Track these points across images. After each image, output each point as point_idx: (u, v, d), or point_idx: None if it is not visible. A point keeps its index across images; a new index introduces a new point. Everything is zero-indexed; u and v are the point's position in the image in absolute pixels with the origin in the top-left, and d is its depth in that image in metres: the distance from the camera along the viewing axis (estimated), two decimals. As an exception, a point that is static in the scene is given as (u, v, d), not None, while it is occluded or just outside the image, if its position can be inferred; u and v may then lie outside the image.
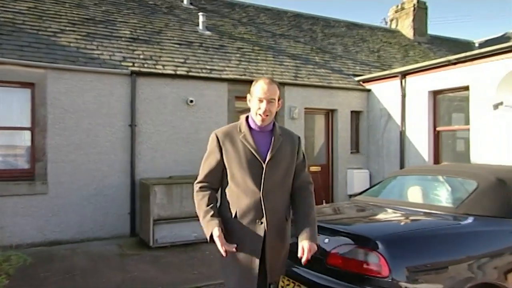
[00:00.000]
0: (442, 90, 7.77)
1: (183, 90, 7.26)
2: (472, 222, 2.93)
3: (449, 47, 13.05)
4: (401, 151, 8.42)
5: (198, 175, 2.33)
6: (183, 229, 6.09)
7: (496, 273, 2.72)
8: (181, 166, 7.05)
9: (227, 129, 2.34)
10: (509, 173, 3.29)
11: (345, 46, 11.12)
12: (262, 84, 2.26)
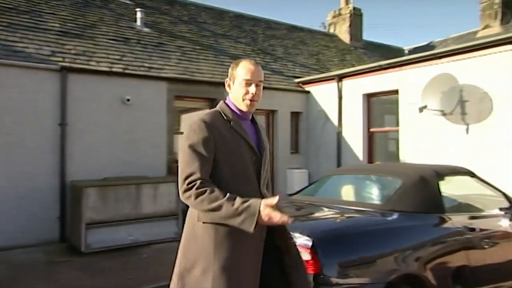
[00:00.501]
0: (375, 93, 8.20)
1: (120, 88, 6.97)
2: (397, 218, 3.11)
3: (382, 53, 13.80)
4: (338, 151, 8.76)
5: (183, 170, 1.89)
6: (118, 233, 5.84)
7: (418, 265, 2.91)
8: (117, 168, 6.75)
9: (210, 116, 1.99)
10: (431, 171, 3.53)
11: (286, 48, 11.35)
12: (248, 65, 2.02)
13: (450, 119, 6.62)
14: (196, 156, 1.89)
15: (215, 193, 1.83)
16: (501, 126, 6.06)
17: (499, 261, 3.49)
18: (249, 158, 2.00)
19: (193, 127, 1.94)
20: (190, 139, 1.92)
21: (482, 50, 6.37)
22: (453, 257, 3.10)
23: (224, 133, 1.96)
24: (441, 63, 6.89)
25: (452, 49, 6.96)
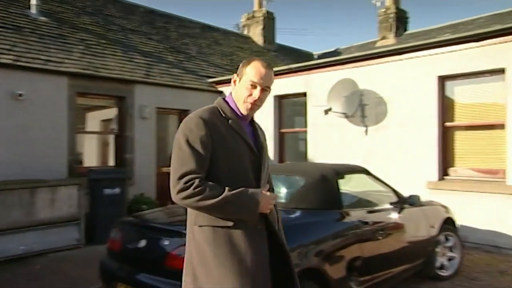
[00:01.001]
0: (286, 95, 8.49)
1: (10, 81, 6.25)
2: (300, 215, 3.23)
3: (293, 56, 14.38)
4: (250, 151, 8.89)
5: (179, 170, 1.75)
6: (7, 243, 5.22)
7: (318, 259, 3.05)
8: (7, 170, 6.04)
9: (207, 113, 1.86)
10: (331, 170, 3.74)
11: (200, 47, 11.23)
12: (259, 66, 1.90)
13: (352, 121, 7.13)
14: (193, 154, 1.76)
15: (216, 189, 1.73)
16: (394, 128, 6.68)
17: (390, 250, 3.82)
18: (248, 158, 1.90)
19: (189, 124, 1.82)
20: (186, 136, 1.79)
21: (378, 59, 6.97)
22: (349, 250, 3.31)
23: (222, 131, 1.85)
24: (344, 68, 7.38)
25: (354, 56, 7.50)
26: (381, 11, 13.70)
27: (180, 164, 1.77)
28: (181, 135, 1.82)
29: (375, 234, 3.62)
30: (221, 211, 1.76)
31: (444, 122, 6.30)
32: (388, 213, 3.94)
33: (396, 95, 6.68)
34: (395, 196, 4.12)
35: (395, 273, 3.83)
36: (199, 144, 1.77)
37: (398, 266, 3.88)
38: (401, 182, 6.36)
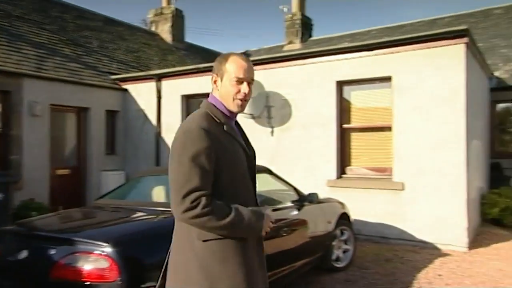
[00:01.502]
0: (194, 95, 8.36)
1: None
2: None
3: (204, 56, 14.28)
4: (157, 151, 8.59)
5: (184, 187, 1.60)
6: None
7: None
8: None
9: (205, 122, 1.73)
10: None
11: (102, 41, 10.53)
12: (240, 60, 1.79)
13: (259, 122, 7.28)
14: (198, 169, 1.62)
15: (223, 209, 1.65)
16: (298, 129, 6.99)
17: (291, 246, 3.96)
18: (244, 161, 1.82)
19: (190, 135, 1.67)
20: (189, 150, 1.64)
21: (283, 62, 7.23)
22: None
23: (221, 139, 1.73)
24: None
25: (261, 58, 7.67)
26: (288, 17, 14.31)
27: (185, 180, 1.62)
28: (181, 148, 1.67)
29: (277, 232, 3.72)
30: (227, 231, 1.69)
31: (342, 124, 6.77)
32: (290, 211, 4.09)
33: (300, 98, 7.00)
34: (296, 195, 4.29)
35: (296, 268, 3.98)
36: (204, 158, 1.65)
37: (299, 260, 4.05)
38: (304, 180, 6.71)
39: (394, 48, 6.25)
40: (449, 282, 4.32)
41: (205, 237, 1.69)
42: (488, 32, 11.61)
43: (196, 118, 1.76)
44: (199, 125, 1.70)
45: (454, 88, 5.69)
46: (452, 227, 5.61)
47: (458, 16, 13.03)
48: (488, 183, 8.10)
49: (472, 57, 6.28)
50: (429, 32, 6.12)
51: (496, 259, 5.11)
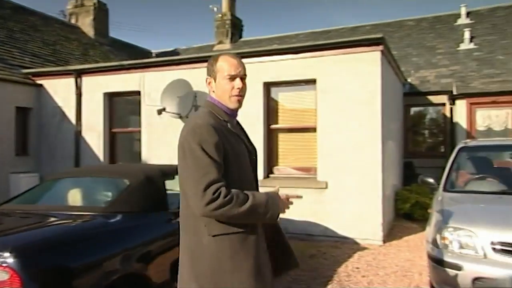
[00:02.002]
0: (118, 93, 7.97)
1: None
2: (121, 219, 3.02)
3: (130, 52, 13.69)
4: (76, 152, 8.05)
5: (203, 181, 1.64)
6: None
7: (139, 264, 2.91)
8: None
9: (211, 119, 1.79)
10: (157, 171, 3.62)
11: (11, 31, 9.60)
12: (230, 59, 1.88)
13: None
14: (212, 162, 1.68)
15: (242, 196, 1.70)
16: (226, 129, 6.97)
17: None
18: (248, 158, 1.89)
19: (200, 131, 1.72)
20: (201, 145, 1.70)
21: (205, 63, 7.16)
22: (173, 252, 3.26)
23: (227, 136, 1.80)
24: (180, 69, 7.34)
25: (188, 57, 7.55)
26: (218, 17, 14.26)
27: (202, 174, 1.67)
28: (193, 143, 1.71)
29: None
30: (248, 217, 1.73)
31: (269, 125, 6.89)
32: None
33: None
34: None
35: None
36: (215, 152, 1.71)
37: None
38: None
39: (318, 52, 6.51)
40: (365, 274, 4.60)
41: (215, 232, 1.73)
42: (402, 41, 12.62)
43: (202, 116, 1.82)
44: (207, 121, 1.77)
45: (371, 92, 6.07)
46: (369, 223, 5.98)
47: (377, 25, 13.98)
48: (401, 180, 8.78)
49: (387, 64, 6.76)
50: (349, 39, 6.48)
51: (406, 250, 5.55)
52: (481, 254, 3.21)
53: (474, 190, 4.44)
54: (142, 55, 13.58)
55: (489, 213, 3.57)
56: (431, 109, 10.34)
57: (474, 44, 11.23)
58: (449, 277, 3.32)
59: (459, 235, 3.37)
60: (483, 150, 5.61)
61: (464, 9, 12.79)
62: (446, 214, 3.68)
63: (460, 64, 10.65)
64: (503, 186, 4.46)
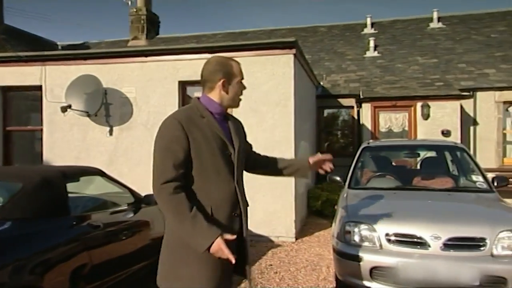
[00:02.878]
0: (15, 87, 7.21)
1: None
2: (9, 227, 2.71)
3: (29, 43, 12.45)
4: (-37, 153, 7.10)
5: (159, 173, 1.85)
6: None
7: (33, 275, 2.63)
8: None
9: (186, 113, 1.97)
10: (57, 173, 3.33)
11: None
12: (237, 64, 2.07)
13: (95, 121, 6.71)
14: (170, 156, 1.86)
15: (183, 202, 1.82)
16: (139, 128, 6.69)
17: (128, 250, 3.76)
18: (223, 154, 1.96)
19: (166, 125, 1.92)
20: (163, 138, 1.90)
21: (124, 58, 6.82)
22: (76, 258, 3.03)
23: (198, 129, 1.92)
24: (88, 64, 6.86)
25: (99, 52, 7.11)
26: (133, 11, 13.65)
27: (159, 165, 1.87)
28: (158, 138, 1.91)
29: (109, 237, 3.48)
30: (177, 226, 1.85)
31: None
32: (125, 214, 3.88)
33: (142, 96, 6.71)
34: (132, 197, 4.08)
35: (132, 272, 3.80)
36: (176, 145, 1.86)
37: (135, 265, 3.86)
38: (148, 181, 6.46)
39: (235, 53, 6.52)
40: (278, 270, 4.73)
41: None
42: (316, 46, 13.28)
43: (177, 111, 2.02)
44: (175, 116, 1.93)
45: (285, 94, 6.27)
46: (283, 221, 6.17)
47: (293, 30, 14.54)
48: (314, 179, 9.22)
49: (300, 67, 7.04)
50: (264, 41, 6.63)
51: (317, 245, 5.83)
52: (378, 246, 3.48)
53: (375, 186, 4.80)
54: (46, 46, 12.46)
55: (385, 208, 3.88)
56: (342, 111, 11.02)
57: (378, 52, 12.23)
58: (351, 268, 3.55)
59: (359, 228, 3.61)
60: (383, 150, 6.12)
61: (369, 19, 13.88)
62: (349, 209, 3.93)
63: (366, 70, 11.51)
64: (398, 183, 4.90)
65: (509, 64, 10.45)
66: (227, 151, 1.99)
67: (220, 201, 1.93)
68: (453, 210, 3.94)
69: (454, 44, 11.98)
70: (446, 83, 9.98)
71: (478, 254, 3.24)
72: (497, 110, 9.73)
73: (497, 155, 9.72)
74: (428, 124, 9.40)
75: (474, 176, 4.89)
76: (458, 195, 4.37)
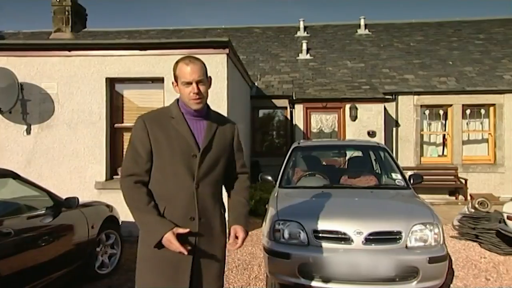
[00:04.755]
0: None
1: None
2: None
3: None
4: None
5: (123, 167, 2.01)
6: None
7: None
8: None
9: (155, 113, 2.09)
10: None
11: None
12: (183, 66, 1.99)
13: (10, 118, 6.15)
14: (134, 154, 1.98)
15: (141, 196, 1.93)
16: (62, 127, 6.25)
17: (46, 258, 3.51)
18: (184, 155, 1.97)
19: (135, 123, 2.02)
20: (131, 136, 2.03)
21: (45, 51, 6.33)
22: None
23: (162, 129, 1.99)
24: (2, 56, 6.26)
25: (15, 43, 6.55)
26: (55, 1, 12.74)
27: (125, 160, 2.01)
28: (131, 136, 2.03)
29: (22, 245, 3.21)
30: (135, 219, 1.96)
31: (113, 123, 6.45)
32: (42, 219, 3.59)
33: (65, 93, 6.28)
34: (51, 200, 3.79)
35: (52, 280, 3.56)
36: (139, 144, 1.98)
37: (54, 273, 3.61)
38: (70, 183, 6.09)
39: (166, 51, 6.36)
40: (210, 271, 4.69)
41: None
42: (250, 47, 13.41)
43: (150, 111, 2.12)
44: (143, 116, 2.03)
45: (218, 94, 6.22)
46: (216, 220, 6.12)
47: (228, 29, 14.56)
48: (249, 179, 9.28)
49: (234, 67, 7.05)
50: (197, 40, 6.55)
51: (249, 244, 5.87)
52: (306, 243, 3.58)
53: (305, 185, 4.95)
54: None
55: (313, 206, 4.02)
56: (276, 111, 11.24)
57: (310, 55, 12.67)
58: (280, 266, 3.62)
59: (288, 227, 3.70)
60: (313, 150, 6.34)
61: (302, 23, 14.33)
62: (279, 208, 4.01)
63: (299, 72, 11.87)
64: (327, 181, 5.10)
65: (426, 70, 11.40)
66: (191, 152, 1.99)
67: (173, 201, 1.96)
68: (374, 206, 4.19)
69: (379, 50, 12.78)
70: (372, 87, 10.61)
71: (395, 247, 3.47)
72: (415, 113, 10.56)
73: (415, 155, 10.54)
74: (356, 125, 9.92)
75: (394, 174, 5.23)
76: (379, 192, 4.65)
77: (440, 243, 3.57)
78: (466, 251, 5.53)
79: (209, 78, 2.11)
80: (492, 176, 10.28)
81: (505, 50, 12.15)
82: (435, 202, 9.23)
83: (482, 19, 14.37)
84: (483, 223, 5.91)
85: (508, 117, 10.26)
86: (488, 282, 4.43)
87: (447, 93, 10.46)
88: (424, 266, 3.38)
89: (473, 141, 10.81)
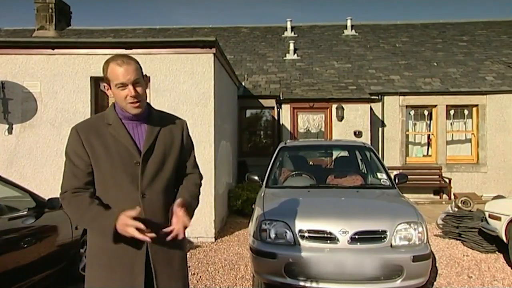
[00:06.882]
0: None
1: None
2: None
3: None
4: None
5: (62, 183, 1.84)
6: None
7: None
8: None
9: (90, 121, 1.92)
10: None
11: None
12: (116, 67, 1.76)
13: (-9, 117, 6.03)
14: (71, 168, 1.82)
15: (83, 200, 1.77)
16: (45, 126, 6.14)
17: (28, 260, 3.45)
18: (125, 163, 1.81)
19: (69, 135, 1.85)
20: (66, 148, 1.85)
21: (27, 49, 6.22)
22: None
23: (99, 138, 1.82)
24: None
25: (-3, 40, 6.38)
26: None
27: (63, 178, 1.84)
28: (65, 149, 1.87)
29: (3, 246, 3.16)
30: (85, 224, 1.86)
31: (98, 123, 6.36)
32: (24, 220, 3.52)
33: (49, 92, 6.17)
34: (33, 201, 3.72)
35: (35, 282, 3.51)
36: (73, 155, 1.82)
37: (36, 275, 3.55)
38: (54, 183, 5.97)
39: (152, 50, 6.31)
40: (196, 271, 4.66)
41: None
42: (238, 47, 13.39)
43: (86, 119, 1.97)
44: (76, 126, 1.86)
45: (204, 93, 6.20)
46: (202, 221, 6.09)
47: (215, 29, 14.51)
48: (235, 178, 9.27)
49: (221, 66, 7.02)
50: (184, 39, 6.51)
51: (236, 244, 5.86)
52: (292, 242, 3.59)
53: (291, 185, 4.96)
54: None
55: (299, 206, 4.02)
56: (263, 111, 11.24)
57: (297, 55, 12.71)
58: (266, 266, 3.62)
59: (275, 226, 3.70)
60: (299, 150, 6.36)
61: (289, 23, 14.36)
62: (265, 208, 4.00)
63: (286, 72, 11.89)
64: (313, 181, 5.12)
65: (411, 71, 11.55)
66: (133, 159, 1.81)
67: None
68: (360, 206, 4.22)
69: (365, 51, 12.89)
70: (358, 87, 10.70)
71: (380, 246, 3.50)
72: (401, 113, 10.68)
73: (401, 154, 10.66)
74: (342, 125, 9.98)
75: (379, 174, 5.28)
76: (365, 192, 4.69)
77: (424, 242, 3.62)
78: (449, 250, 5.62)
79: (146, 77, 1.91)
80: (475, 175, 10.47)
81: (488, 52, 12.38)
82: (419, 201, 9.37)
83: (465, 21, 14.62)
84: (466, 221, 6.02)
85: (490, 118, 10.46)
86: (470, 279, 4.50)
87: (432, 94, 10.62)
88: (408, 264, 3.42)
89: (457, 141, 10.99)
